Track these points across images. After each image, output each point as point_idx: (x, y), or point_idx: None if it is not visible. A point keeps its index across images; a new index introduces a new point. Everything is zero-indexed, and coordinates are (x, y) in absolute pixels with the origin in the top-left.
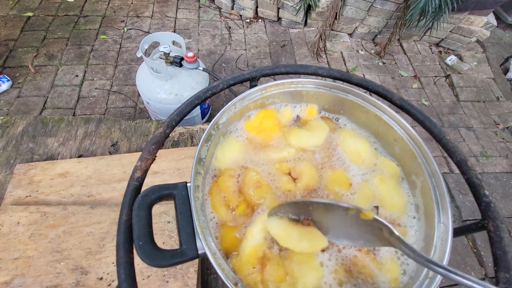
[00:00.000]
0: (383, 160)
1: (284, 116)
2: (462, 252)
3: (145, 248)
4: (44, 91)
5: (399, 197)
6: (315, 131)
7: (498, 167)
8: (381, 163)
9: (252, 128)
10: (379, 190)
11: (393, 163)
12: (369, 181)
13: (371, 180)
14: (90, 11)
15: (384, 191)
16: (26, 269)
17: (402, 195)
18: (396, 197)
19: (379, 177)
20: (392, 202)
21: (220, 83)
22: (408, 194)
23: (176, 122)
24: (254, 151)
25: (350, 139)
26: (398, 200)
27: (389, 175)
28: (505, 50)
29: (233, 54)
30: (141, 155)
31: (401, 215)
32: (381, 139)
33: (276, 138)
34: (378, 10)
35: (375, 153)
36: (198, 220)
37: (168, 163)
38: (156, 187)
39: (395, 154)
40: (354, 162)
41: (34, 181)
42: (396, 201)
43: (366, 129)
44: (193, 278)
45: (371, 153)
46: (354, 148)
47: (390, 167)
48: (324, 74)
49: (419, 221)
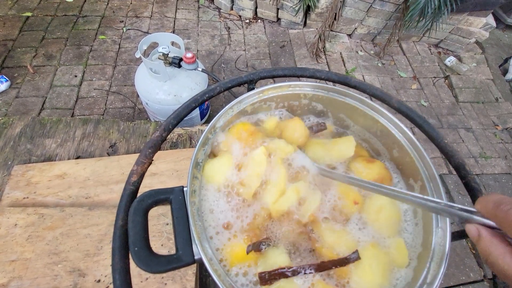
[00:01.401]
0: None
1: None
2: (461, 254)
3: (140, 254)
4: (42, 92)
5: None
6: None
7: (497, 168)
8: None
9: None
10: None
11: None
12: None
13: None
14: (89, 11)
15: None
16: (23, 271)
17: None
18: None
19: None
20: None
21: (217, 86)
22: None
23: (173, 125)
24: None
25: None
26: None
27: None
28: (504, 51)
29: (233, 54)
30: (137, 159)
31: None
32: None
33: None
34: (377, 11)
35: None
36: (195, 225)
37: (166, 164)
38: (152, 192)
39: (394, 158)
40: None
41: (31, 182)
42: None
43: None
44: (191, 280)
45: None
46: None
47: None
48: (322, 77)
49: (417, 226)
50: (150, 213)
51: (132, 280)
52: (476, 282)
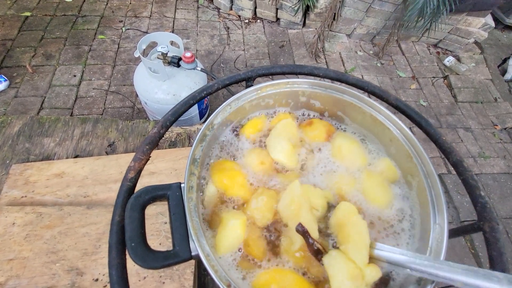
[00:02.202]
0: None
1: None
2: (460, 253)
3: (137, 250)
4: (41, 91)
5: (383, 192)
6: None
7: (496, 167)
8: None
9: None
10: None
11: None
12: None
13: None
14: (88, 11)
15: (368, 185)
16: (21, 270)
17: (388, 191)
18: (380, 192)
19: (368, 173)
20: (374, 197)
21: (215, 83)
22: (399, 192)
23: (171, 122)
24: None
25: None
26: (381, 196)
27: (380, 174)
28: (502, 51)
29: (232, 54)
30: (135, 156)
31: (384, 210)
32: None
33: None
34: (376, 11)
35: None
36: (192, 221)
37: (165, 163)
38: (149, 188)
39: (392, 155)
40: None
41: (30, 181)
42: (380, 196)
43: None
44: (190, 279)
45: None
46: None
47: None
48: (320, 74)
49: (415, 221)
50: (148, 211)
51: (130, 279)
52: None
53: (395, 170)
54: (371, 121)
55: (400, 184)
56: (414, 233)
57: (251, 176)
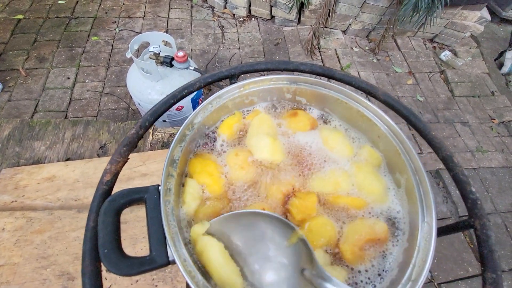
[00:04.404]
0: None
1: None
2: (459, 248)
3: (111, 257)
4: (35, 94)
5: (377, 182)
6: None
7: (494, 161)
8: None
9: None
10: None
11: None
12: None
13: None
14: (81, 12)
15: (361, 177)
16: (11, 276)
17: (381, 179)
18: (374, 182)
19: (356, 165)
20: (370, 188)
21: (197, 81)
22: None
23: (150, 122)
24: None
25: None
26: (376, 185)
27: (367, 163)
28: (499, 45)
29: (227, 53)
30: (111, 158)
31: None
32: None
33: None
34: (371, 6)
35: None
36: (168, 225)
37: (157, 164)
38: (125, 191)
39: (380, 151)
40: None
41: (20, 186)
42: (375, 186)
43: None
44: (183, 281)
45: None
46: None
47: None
48: (306, 70)
49: (403, 219)
50: (139, 214)
51: (122, 283)
52: (475, 277)
53: (377, 155)
54: (359, 117)
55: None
56: (403, 231)
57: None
